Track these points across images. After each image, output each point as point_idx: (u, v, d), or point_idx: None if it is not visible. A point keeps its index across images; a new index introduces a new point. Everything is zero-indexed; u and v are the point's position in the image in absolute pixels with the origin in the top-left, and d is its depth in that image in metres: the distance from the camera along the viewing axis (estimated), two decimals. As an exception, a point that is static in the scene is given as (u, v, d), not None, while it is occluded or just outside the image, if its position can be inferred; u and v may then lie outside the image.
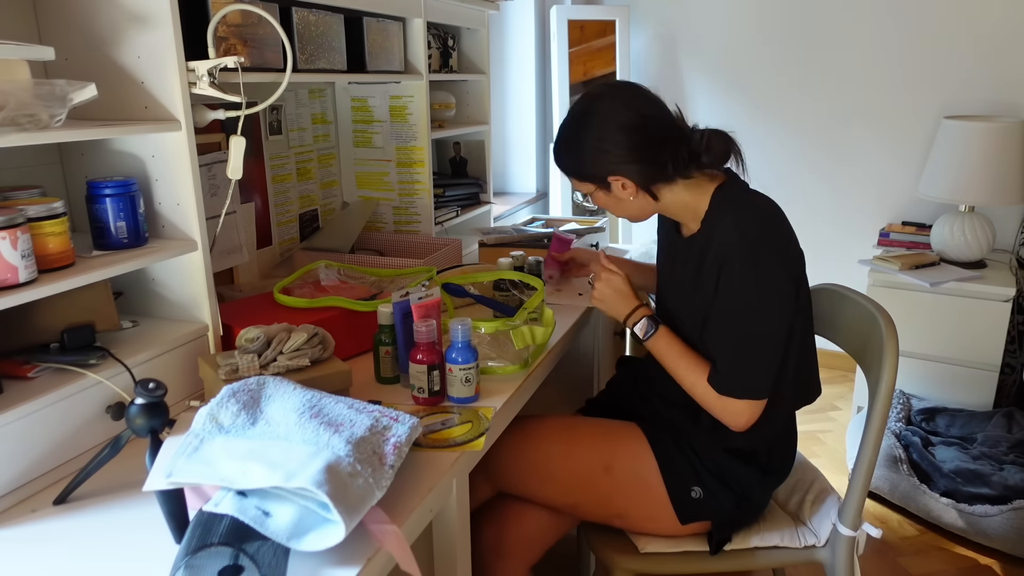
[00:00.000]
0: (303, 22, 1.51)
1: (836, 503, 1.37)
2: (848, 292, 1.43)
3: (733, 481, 1.30)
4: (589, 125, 1.27)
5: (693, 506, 1.31)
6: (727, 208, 1.27)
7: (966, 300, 2.52)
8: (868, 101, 3.07)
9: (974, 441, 2.34)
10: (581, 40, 3.26)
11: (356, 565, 0.83)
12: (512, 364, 1.33)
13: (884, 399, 1.25)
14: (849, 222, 3.21)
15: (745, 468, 1.31)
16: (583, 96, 1.31)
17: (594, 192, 1.33)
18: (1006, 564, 2.04)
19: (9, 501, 0.97)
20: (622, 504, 1.34)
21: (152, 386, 0.96)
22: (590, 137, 1.27)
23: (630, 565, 1.34)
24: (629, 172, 1.27)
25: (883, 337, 1.26)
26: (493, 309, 1.58)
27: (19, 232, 0.97)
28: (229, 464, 0.87)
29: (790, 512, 1.43)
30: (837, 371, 3.30)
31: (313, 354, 1.18)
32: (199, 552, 0.78)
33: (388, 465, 0.94)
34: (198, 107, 1.26)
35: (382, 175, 2.10)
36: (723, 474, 1.30)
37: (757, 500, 1.35)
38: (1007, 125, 2.50)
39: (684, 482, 1.31)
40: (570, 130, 1.31)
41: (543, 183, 3.44)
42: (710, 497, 1.30)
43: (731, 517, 1.33)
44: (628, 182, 1.28)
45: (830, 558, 1.32)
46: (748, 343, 1.22)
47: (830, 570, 1.32)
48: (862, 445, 1.28)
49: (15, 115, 0.94)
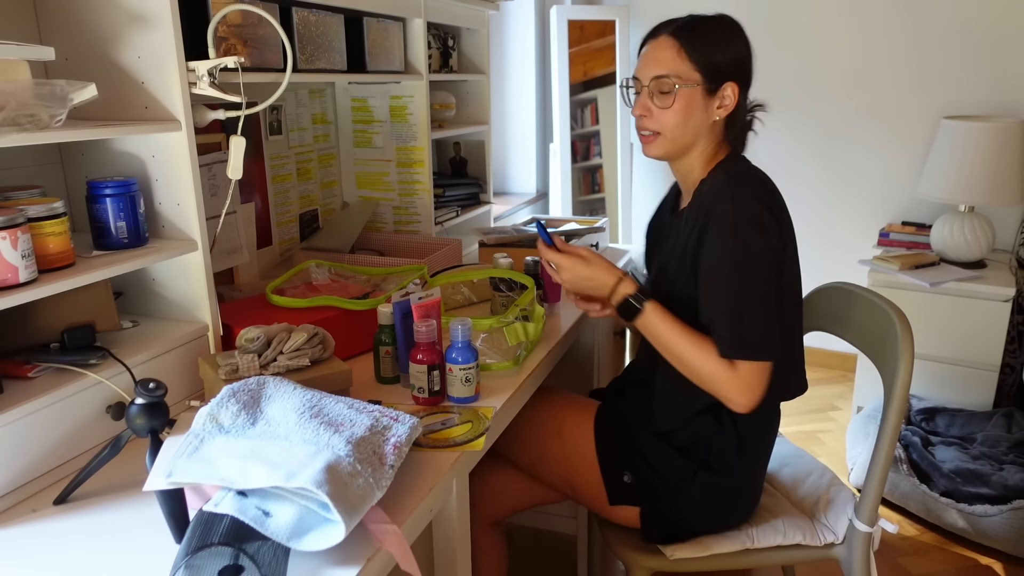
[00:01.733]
0: (303, 22, 1.51)
1: (852, 500, 1.38)
2: (861, 291, 1.44)
3: (667, 471, 1.31)
4: (732, 27, 1.28)
5: (623, 489, 1.34)
6: (721, 172, 1.27)
7: (966, 300, 2.52)
8: (868, 101, 3.07)
9: (974, 441, 2.34)
10: (581, 40, 3.26)
11: (356, 565, 0.83)
12: (505, 360, 1.34)
13: (900, 396, 1.27)
14: (849, 222, 3.21)
15: (682, 460, 1.31)
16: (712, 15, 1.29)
17: (692, 87, 1.24)
18: (1006, 564, 2.04)
19: (9, 501, 0.97)
20: (568, 471, 1.39)
21: (152, 386, 0.96)
22: (737, 36, 1.27)
23: (648, 563, 1.35)
24: (744, 89, 1.28)
25: (898, 336, 1.28)
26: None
27: (19, 232, 0.97)
28: (229, 464, 0.87)
29: (806, 511, 1.43)
30: (837, 371, 3.30)
31: (313, 354, 1.18)
32: (199, 552, 0.78)
33: (388, 465, 0.94)
34: (198, 107, 1.26)
35: (382, 175, 2.10)
36: (657, 463, 1.32)
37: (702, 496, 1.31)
38: (1007, 125, 2.50)
39: (616, 466, 1.34)
40: (709, 21, 1.27)
41: (543, 183, 3.44)
42: (640, 483, 1.33)
43: (669, 508, 1.32)
44: (735, 97, 1.27)
45: (847, 555, 1.34)
46: (743, 299, 1.19)
47: (847, 567, 1.33)
48: (878, 441, 1.29)
49: (15, 115, 0.94)
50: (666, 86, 1.25)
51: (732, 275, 1.19)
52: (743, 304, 1.19)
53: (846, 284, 1.49)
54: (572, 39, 3.22)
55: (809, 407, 2.98)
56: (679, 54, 1.24)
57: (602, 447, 1.36)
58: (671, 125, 1.26)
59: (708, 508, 1.33)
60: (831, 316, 1.50)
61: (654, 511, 1.34)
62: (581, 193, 3.37)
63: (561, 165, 3.26)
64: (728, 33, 1.27)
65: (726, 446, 1.31)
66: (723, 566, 1.35)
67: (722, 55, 1.25)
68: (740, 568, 1.36)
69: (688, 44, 1.24)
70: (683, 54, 1.24)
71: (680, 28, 1.26)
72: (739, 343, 1.19)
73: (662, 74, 1.25)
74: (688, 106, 1.25)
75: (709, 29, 1.26)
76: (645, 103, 1.28)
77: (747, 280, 1.19)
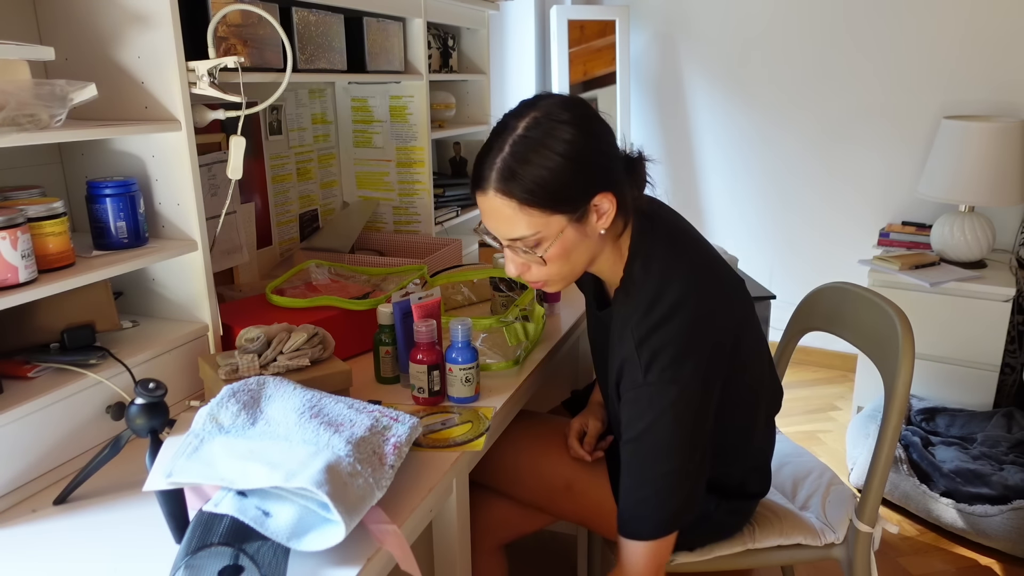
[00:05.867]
0: (303, 22, 1.51)
1: (852, 501, 1.38)
2: (862, 291, 1.44)
3: None
4: (557, 129, 0.99)
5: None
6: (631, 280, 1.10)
7: (966, 300, 2.52)
8: (868, 101, 3.07)
9: (974, 441, 2.34)
10: (581, 40, 3.26)
11: (356, 565, 0.83)
12: (505, 360, 1.34)
13: (901, 396, 1.27)
14: (849, 222, 3.21)
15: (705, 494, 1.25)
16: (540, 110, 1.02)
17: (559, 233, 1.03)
18: (1006, 564, 2.04)
19: (9, 501, 0.98)
20: (582, 517, 1.35)
21: (152, 386, 0.96)
22: (586, 135, 1.01)
23: None
24: (620, 186, 1.05)
25: (899, 336, 1.28)
26: None
27: (19, 232, 0.97)
28: (229, 464, 0.87)
29: (807, 511, 1.43)
30: (837, 371, 3.30)
31: (313, 354, 1.18)
32: (199, 552, 0.78)
33: (388, 465, 0.94)
34: (198, 107, 1.26)
35: (382, 175, 2.10)
36: None
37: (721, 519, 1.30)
38: (1007, 125, 2.50)
39: None
40: (528, 143, 0.99)
41: (543, 183, 3.44)
42: None
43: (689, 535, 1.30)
44: (613, 201, 1.04)
45: (847, 555, 1.33)
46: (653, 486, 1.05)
47: (847, 567, 1.33)
48: (878, 441, 1.29)
49: (15, 115, 0.94)
50: (531, 244, 1.04)
51: (642, 459, 1.06)
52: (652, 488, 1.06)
53: (846, 284, 1.49)
54: (572, 39, 3.22)
55: (809, 407, 2.98)
56: (522, 210, 1.00)
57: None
58: (554, 272, 1.08)
59: (726, 524, 1.34)
60: (831, 316, 1.50)
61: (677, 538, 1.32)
62: (581, 193, 3.37)
63: (561, 165, 3.25)
64: (553, 142, 0.99)
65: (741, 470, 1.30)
66: (723, 567, 1.35)
67: (570, 178, 0.99)
68: (740, 568, 1.36)
69: (524, 194, 0.99)
70: (526, 208, 1.00)
71: (503, 179, 1.00)
72: (631, 518, 1.07)
73: (518, 236, 1.03)
74: (564, 248, 1.04)
75: (536, 156, 0.99)
76: (517, 262, 1.09)
77: (659, 466, 1.05)
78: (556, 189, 1.00)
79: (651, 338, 1.04)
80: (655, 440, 1.04)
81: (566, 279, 1.11)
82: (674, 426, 1.03)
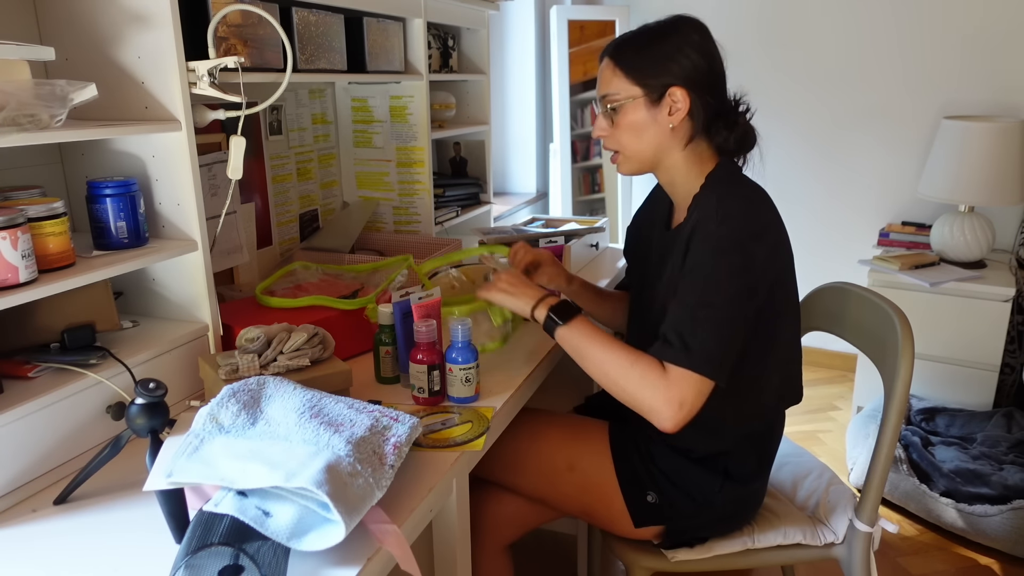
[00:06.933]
0: (303, 22, 1.51)
1: (852, 500, 1.38)
2: (862, 291, 1.44)
3: (692, 487, 1.29)
4: (672, 32, 1.22)
5: (648, 510, 1.30)
6: (713, 191, 1.21)
7: (966, 300, 2.52)
8: (868, 101, 3.07)
9: (974, 441, 2.34)
10: (581, 40, 3.26)
11: (356, 565, 0.83)
12: (493, 341, 1.34)
13: (900, 396, 1.27)
14: (849, 222, 3.21)
15: (704, 474, 1.29)
16: (680, 19, 1.26)
17: (634, 101, 1.22)
18: (1006, 564, 2.04)
19: (9, 501, 0.98)
20: (585, 502, 1.35)
21: (152, 386, 0.96)
22: (673, 40, 1.21)
23: (648, 563, 1.34)
24: (693, 88, 1.21)
25: (899, 336, 1.28)
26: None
27: (19, 232, 0.97)
28: (229, 464, 0.87)
29: (807, 511, 1.43)
30: (837, 371, 3.31)
31: (313, 354, 1.18)
32: (199, 552, 0.78)
33: (388, 465, 0.94)
34: (198, 107, 1.26)
35: (382, 175, 2.10)
36: (681, 480, 1.29)
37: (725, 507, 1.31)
38: (1007, 125, 2.50)
39: (640, 487, 1.30)
40: (648, 31, 1.24)
41: (543, 183, 3.44)
42: (666, 503, 1.29)
43: (693, 522, 1.32)
44: (685, 99, 1.20)
45: (847, 555, 1.33)
46: (702, 312, 1.12)
47: (847, 566, 1.34)
48: (878, 441, 1.29)
49: (15, 115, 0.94)
50: (612, 104, 1.25)
51: (698, 289, 1.13)
52: (700, 317, 1.12)
53: (846, 284, 1.49)
54: (572, 39, 3.22)
55: (809, 407, 2.99)
56: (615, 73, 1.24)
57: (623, 474, 1.31)
58: (625, 142, 1.26)
59: (730, 516, 1.34)
60: (831, 316, 1.50)
61: (679, 527, 1.32)
62: (581, 193, 3.37)
63: (561, 165, 3.26)
64: (664, 39, 1.22)
65: (744, 455, 1.31)
66: (724, 566, 1.35)
67: (657, 62, 1.21)
68: (740, 568, 1.36)
69: (621, 60, 1.23)
70: (618, 72, 1.23)
71: (616, 44, 1.26)
72: (684, 349, 1.11)
73: (604, 94, 1.25)
74: (636, 120, 1.23)
75: (645, 39, 1.24)
76: (601, 123, 1.28)
77: (712, 298, 1.12)
78: (645, 65, 1.21)
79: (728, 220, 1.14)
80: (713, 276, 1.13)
81: (635, 160, 1.27)
82: (728, 279, 1.13)
